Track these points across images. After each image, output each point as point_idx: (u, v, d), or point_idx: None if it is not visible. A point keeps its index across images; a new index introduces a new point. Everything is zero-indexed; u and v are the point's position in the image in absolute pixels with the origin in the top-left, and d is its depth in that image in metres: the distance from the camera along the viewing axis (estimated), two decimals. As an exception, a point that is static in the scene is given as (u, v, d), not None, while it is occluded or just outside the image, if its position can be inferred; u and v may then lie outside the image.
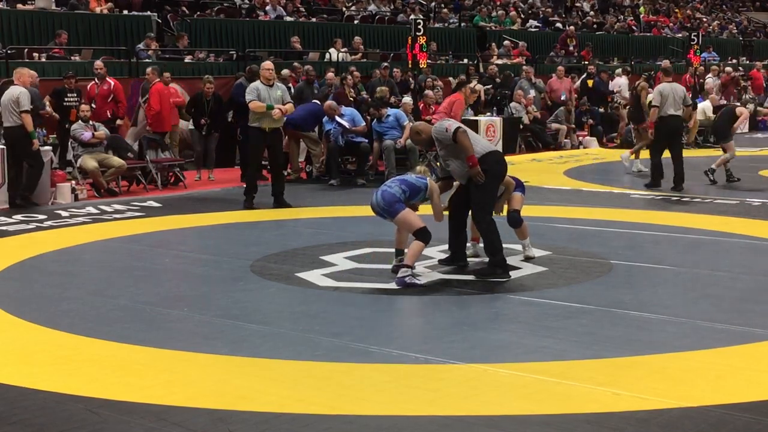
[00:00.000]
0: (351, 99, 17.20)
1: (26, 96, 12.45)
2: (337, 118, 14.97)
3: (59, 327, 6.75)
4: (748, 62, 32.71)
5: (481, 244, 8.69)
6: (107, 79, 15.25)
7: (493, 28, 27.21)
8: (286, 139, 14.83)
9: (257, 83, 12.56)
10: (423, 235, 8.09)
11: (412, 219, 8.19)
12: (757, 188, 14.20)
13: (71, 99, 14.86)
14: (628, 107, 22.43)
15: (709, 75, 26.48)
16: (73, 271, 8.97)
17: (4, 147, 12.73)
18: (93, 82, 15.32)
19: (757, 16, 44.29)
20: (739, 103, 23.50)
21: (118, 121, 15.41)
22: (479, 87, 18.70)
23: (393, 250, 8.56)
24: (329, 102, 15.48)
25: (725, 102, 25.66)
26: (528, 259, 8.87)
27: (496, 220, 8.46)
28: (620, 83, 23.72)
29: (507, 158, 8.91)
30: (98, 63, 15.41)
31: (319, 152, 15.59)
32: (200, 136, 15.45)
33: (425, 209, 8.47)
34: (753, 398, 5.20)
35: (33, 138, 12.57)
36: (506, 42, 26.07)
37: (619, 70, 24.78)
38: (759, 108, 27.00)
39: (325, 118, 15.25)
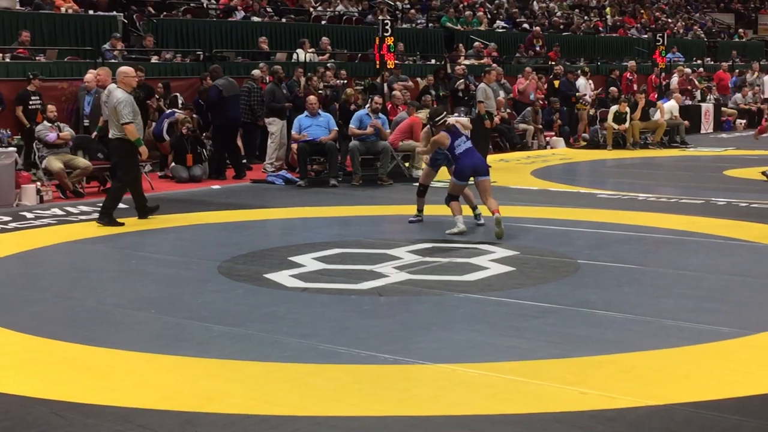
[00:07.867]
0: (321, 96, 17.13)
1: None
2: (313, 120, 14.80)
3: (25, 330, 6.69)
4: (712, 63, 33.04)
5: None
6: None
7: (461, 28, 27.27)
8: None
9: (123, 93, 11.00)
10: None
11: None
12: (722, 188, 14.32)
13: (35, 101, 14.74)
14: (593, 108, 22.64)
15: (675, 74, 26.70)
16: (38, 274, 8.89)
17: None
18: None
19: (721, 17, 44.73)
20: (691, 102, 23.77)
21: None
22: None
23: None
24: (311, 96, 15.32)
25: (689, 102, 25.92)
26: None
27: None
28: (581, 84, 23.78)
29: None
30: None
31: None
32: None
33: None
34: (719, 396, 5.24)
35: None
36: (476, 43, 26.11)
37: (579, 71, 24.80)
38: (723, 108, 27.24)
39: (305, 114, 14.89)
